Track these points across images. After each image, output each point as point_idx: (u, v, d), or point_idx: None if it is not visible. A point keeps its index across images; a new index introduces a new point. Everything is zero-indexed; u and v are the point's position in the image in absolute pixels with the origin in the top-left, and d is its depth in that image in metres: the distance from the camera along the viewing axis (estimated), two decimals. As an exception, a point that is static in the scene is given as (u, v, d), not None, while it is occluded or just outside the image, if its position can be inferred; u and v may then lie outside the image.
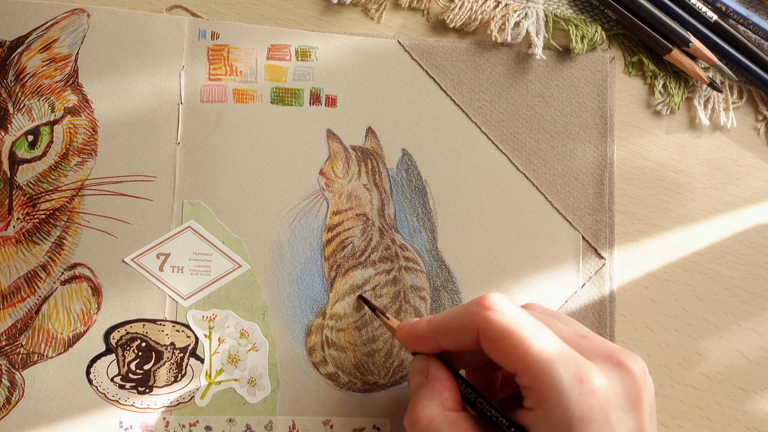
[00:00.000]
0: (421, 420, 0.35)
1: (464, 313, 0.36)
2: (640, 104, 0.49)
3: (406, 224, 0.46)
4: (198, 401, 0.44)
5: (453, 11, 0.48)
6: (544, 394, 0.32)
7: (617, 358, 0.34)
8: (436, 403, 0.36)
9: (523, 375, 0.33)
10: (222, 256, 0.45)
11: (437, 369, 0.37)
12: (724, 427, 0.47)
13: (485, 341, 0.35)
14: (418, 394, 0.37)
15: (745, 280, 0.48)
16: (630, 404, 0.34)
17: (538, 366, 0.33)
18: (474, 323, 0.35)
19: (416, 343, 0.38)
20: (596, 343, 0.35)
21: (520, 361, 0.33)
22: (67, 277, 0.44)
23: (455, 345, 0.36)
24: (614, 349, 0.35)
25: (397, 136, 0.47)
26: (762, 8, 0.50)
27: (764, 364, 0.48)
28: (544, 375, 0.32)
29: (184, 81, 0.45)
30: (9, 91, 0.43)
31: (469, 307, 0.36)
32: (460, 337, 0.36)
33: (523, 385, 0.34)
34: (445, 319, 0.37)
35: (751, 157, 0.50)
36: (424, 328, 0.38)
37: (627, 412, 0.33)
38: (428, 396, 0.36)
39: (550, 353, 0.33)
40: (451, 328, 0.36)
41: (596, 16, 0.49)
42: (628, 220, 0.48)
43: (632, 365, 0.34)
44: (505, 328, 0.34)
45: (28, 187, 0.43)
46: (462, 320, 0.36)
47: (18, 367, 0.43)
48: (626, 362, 0.34)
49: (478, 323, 0.35)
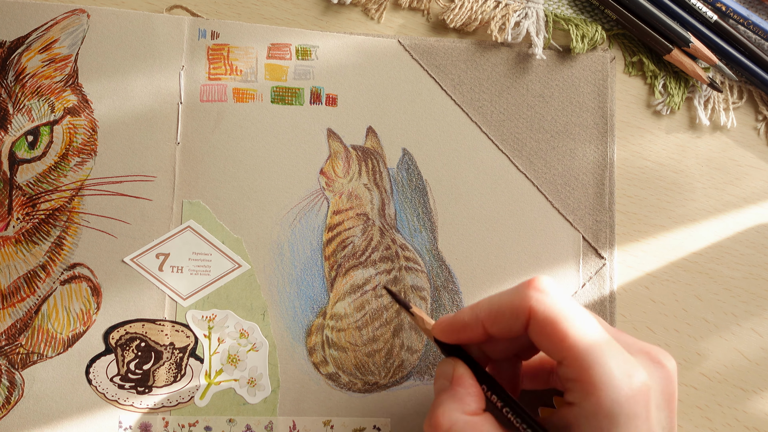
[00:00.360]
0: (441, 425, 0.34)
1: (515, 295, 0.35)
2: (640, 104, 0.49)
3: (407, 224, 0.46)
4: (198, 401, 0.44)
5: (453, 11, 0.48)
6: (594, 387, 0.32)
7: (654, 355, 0.34)
8: (458, 408, 0.35)
9: (570, 365, 0.33)
10: (222, 256, 0.45)
11: (462, 373, 0.36)
12: (724, 427, 0.47)
13: (536, 325, 0.34)
14: (440, 398, 0.36)
15: (745, 280, 0.48)
16: (665, 402, 0.34)
17: (589, 356, 0.32)
18: (526, 305, 0.34)
19: (460, 331, 0.37)
20: (632, 339, 0.35)
21: (570, 350, 0.32)
22: (67, 277, 0.43)
23: (504, 330, 0.35)
24: (650, 346, 0.35)
25: (397, 136, 0.47)
26: (762, 8, 0.51)
27: (764, 364, 0.48)
28: (594, 367, 0.32)
29: (184, 81, 0.45)
30: (9, 91, 0.43)
31: (521, 289, 0.35)
32: (510, 321, 0.35)
33: (568, 377, 0.33)
34: (492, 303, 0.36)
35: (751, 157, 0.50)
36: (470, 315, 0.36)
37: (662, 409, 0.33)
38: (450, 400, 0.35)
39: (601, 344, 0.32)
40: (500, 311, 0.35)
41: (596, 16, 0.50)
42: (628, 220, 0.48)
43: (668, 363, 0.34)
44: (558, 314, 0.33)
45: (27, 187, 0.43)
46: (512, 302, 0.34)
47: (17, 367, 0.43)
48: (662, 360, 0.34)
49: (531, 306, 0.34)
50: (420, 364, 0.45)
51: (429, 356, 0.45)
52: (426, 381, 0.45)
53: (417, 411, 0.45)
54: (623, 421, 0.31)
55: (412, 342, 0.45)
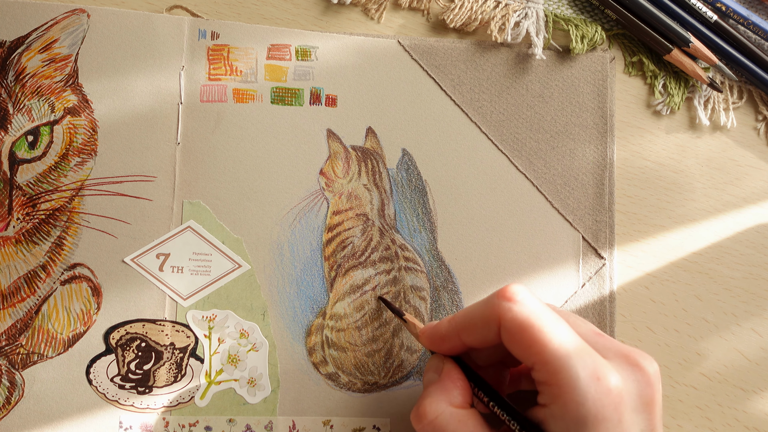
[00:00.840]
0: (427, 414, 0.35)
1: (485, 305, 0.36)
2: (640, 104, 0.49)
3: (406, 224, 0.46)
4: (198, 401, 0.44)
5: (453, 11, 0.48)
6: (560, 389, 0.32)
7: (633, 359, 0.34)
8: (445, 399, 0.36)
9: (540, 369, 0.33)
10: (222, 256, 0.45)
11: (451, 367, 0.38)
12: (724, 427, 0.47)
13: (505, 333, 0.34)
14: (428, 390, 0.37)
15: (745, 280, 0.48)
16: (643, 405, 0.34)
17: (556, 361, 0.33)
18: (495, 314, 0.35)
19: (440, 342, 0.38)
20: (612, 342, 0.35)
21: (539, 355, 0.33)
22: (67, 277, 0.43)
23: (479, 340, 0.36)
24: (630, 349, 0.35)
25: (397, 136, 0.47)
26: (762, 8, 0.50)
27: (764, 364, 0.48)
28: (561, 371, 0.32)
29: (184, 81, 0.45)
30: (9, 91, 0.43)
31: (491, 299, 0.36)
32: (483, 331, 0.36)
33: (539, 380, 0.34)
34: (466, 314, 0.37)
35: (751, 157, 0.50)
36: (447, 327, 0.38)
37: (640, 413, 0.33)
38: (437, 392, 0.36)
39: (568, 349, 0.33)
40: (473, 322, 0.36)
41: (596, 16, 0.49)
42: (628, 220, 0.48)
43: (647, 366, 0.34)
44: (525, 321, 0.34)
45: (28, 188, 0.43)
46: (484, 313, 0.35)
47: (18, 367, 0.43)
48: (642, 363, 0.34)
49: (500, 314, 0.35)
50: (420, 364, 0.45)
51: (428, 356, 0.45)
52: (426, 381, 0.45)
53: (417, 411, 0.45)
54: (590, 424, 0.32)
55: (411, 342, 0.45)
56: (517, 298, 0.35)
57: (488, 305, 0.35)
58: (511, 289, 0.35)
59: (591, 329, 0.36)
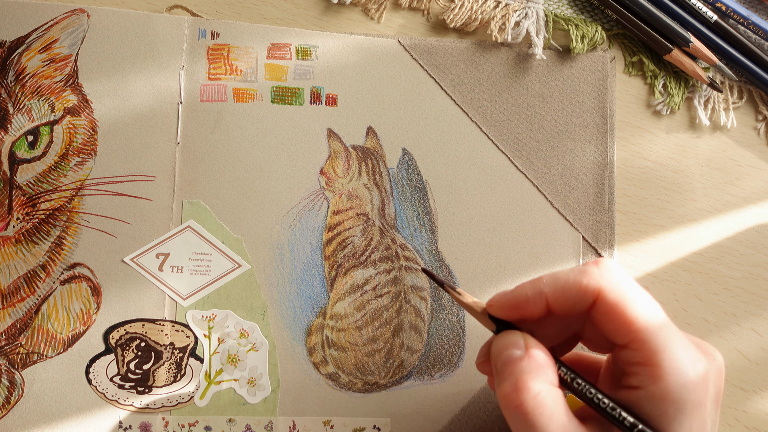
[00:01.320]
0: (530, 390, 0.32)
1: (583, 273, 0.34)
2: (640, 104, 0.49)
3: (407, 224, 0.46)
4: (197, 401, 0.44)
5: (453, 11, 0.48)
6: (662, 371, 0.31)
7: (705, 348, 0.34)
8: (542, 378, 0.33)
9: (638, 348, 0.32)
10: (222, 256, 0.45)
11: (537, 343, 0.34)
12: (724, 427, 0.47)
13: (603, 306, 0.33)
14: (518, 366, 0.34)
15: (745, 280, 0.48)
16: (716, 396, 0.33)
17: (658, 341, 0.31)
18: (595, 285, 0.33)
19: (522, 306, 0.35)
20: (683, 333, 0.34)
21: (638, 332, 0.32)
22: (67, 276, 0.43)
23: (566, 307, 0.34)
24: (699, 339, 0.34)
25: (397, 136, 0.47)
26: (762, 8, 0.51)
27: (764, 364, 0.48)
28: (663, 351, 0.31)
29: (184, 80, 0.45)
30: (9, 91, 0.43)
31: (589, 269, 0.34)
32: (576, 299, 0.33)
33: (633, 361, 0.32)
34: (559, 279, 0.34)
35: (751, 157, 0.50)
36: (532, 289, 0.35)
37: (713, 403, 0.33)
38: (533, 370, 0.33)
39: (669, 330, 0.32)
40: (567, 287, 0.34)
41: (596, 16, 0.50)
42: (628, 220, 0.48)
43: (718, 357, 0.34)
44: (626, 296, 0.32)
45: (27, 187, 0.43)
46: (581, 280, 0.33)
47: (17, 367, 0.43)
48: (713, 354, 0.34)
49: (602, 286, 0.33)
50: (420, 364, 0.45)
51: (429, 356, 0.45)
52: (426, 381, 0.45)
53: (417, 411, 0.45)
54: (689, 408, 0.31)
55: (412, 342, 0.45)
56: (618, 272, 0.33)
57: (586, 274, 0.33)
58: (609, 262, 0.34)
59: None
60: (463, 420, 0.45)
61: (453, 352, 0.46)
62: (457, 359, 0.46)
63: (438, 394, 0.45)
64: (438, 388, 0.45)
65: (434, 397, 0.45)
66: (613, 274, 0.33)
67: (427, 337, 0.45)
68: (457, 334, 0.46)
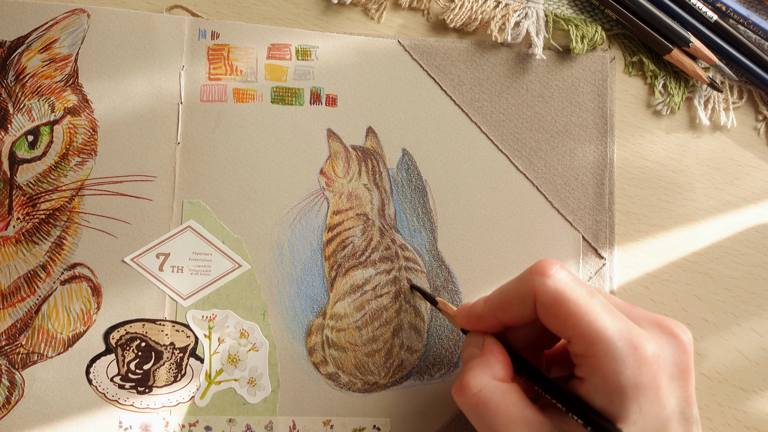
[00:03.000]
0: (471, 387, 0.35)
1: (520, 282, 0.36)
2: (640, 104, 0.49)
3: (407, 224, 0.46)
4: (198, 401, 0.44)
5: (453, 11, 0.48)
6: (599, 361, 0.32)
7: (668, 327, 0.35)
8: (487, 373, 0.36)
9: (577, 342, 0.33)
10: (222, 256, 0.45)
11: (492, 342, 0.38)
12: (724, 427, 0.47)
13: (541, 308, 0.35)
14: (469, 364, 0.37)
15: (745, 280, 0.48)
16: (679, 372, 0.34)
17: (593, 333, 0.33)
18: (531, 290, 0.35)
19: (477, 322, 0.38)
20: (645, 312, 0.36)
21: (575, 327, 0.33)
22: (67, 277, 0.43)
23: (515, 317, 0.36)
24: (664, 318, 0.35)
25: (397, 136, 0.47)
26: (762, 8, 0.51)
27: (764, 364, 0.48)
28: (598, 342, 0.32)
29: (184, 81, 0.45)
30: (9, 91, 0.43)
31: (525, 275, 0.35)
32: (519, 308, 0.36)
33: (576, 353, 0.34)
34: (501, 292, 0.37)
35: (751, 157, 0.50)
36: (483, 306, 0.38)
37: (676, 380, 0.34)
38: (480, 366, 0.36)
39: (604, 320, 0.33)
40: (509, 299, 0.36)
41: (596, 16, 0.50)
42: (628, 220, 0.48)
43: (682, 334, 0.35)
44: (561, 294, 0.34)
45: (28, 187, 0.43)
46: (519, 289, 0.35)
47: (18, 367, 0.43)
48: (676, 331, 0.35)
49: (535, 289, 0.35)
50: (420, 364, 0.45)
51: (429, 356, 0.45)
52: (426, 381, 0.45)
53: (417, 411, 0.45)
54: (631, 393, 0.32)
55: (411, 342, 0.45)
56: (551, 273, 0.35)
57: (523, 281, 0.35)
58: (545, 263, 0.35)
59: (621, 301, 0.37)
60: (462, 420, 0.45)
61: (453, 352, 0.46)
62: (457, 359, 0.46)
63: (438, 394, 0.45)
64: (438, 388, 0.45)
65: (434, 397, 0.45)
66: (548, 276, 0.35)
67: (427, 337, 0.46)
68: (457, 334, 0.46)
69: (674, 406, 0.33)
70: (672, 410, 0.33)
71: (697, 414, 0.35)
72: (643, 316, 0.35)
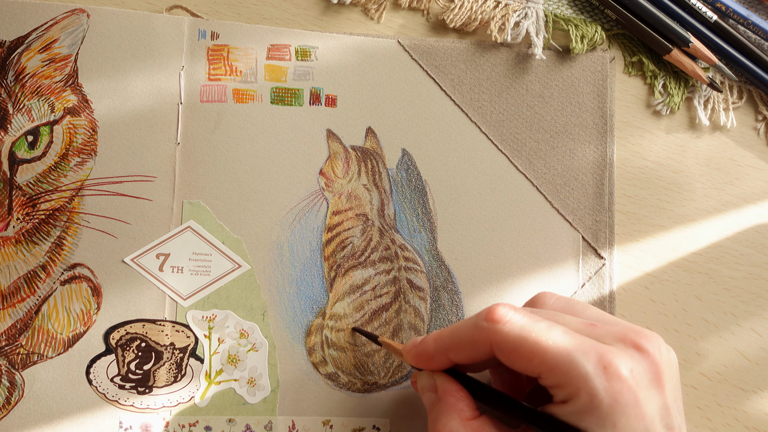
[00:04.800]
0: None
1: (473, 328, 0.35)
2: (640, 104, 0.49)
3: (406, 224, 0.46)
4: (198, 401, 0.44)
5: (453, 11, 0.48)
6: (573, 387, 0.33)
7: (631, 340, 0.35)
8: (454, 417, 0.36)
9: (547, 376, 0.33)
10: (222, 256, 0.45)
11: (444, 382, 0.37)
12: (724, 427, 0.47)
13: (501, 354, 0.35)
14: (433, 411, 0.37)
15: (745, 280, 0.48)
16: (652, 381, 0.34)
17: (561, 364, 0.33)
18: (486, 338, 0.35)
19: (427, 361, 0.38)
20: (608, 328, 0.35)
21: (542, 364, 0.33)
22: (67, 277, 0.43)
23: (468, 359, 0.36)
24: (627, 331, 0.35)
25: (397, 136, 0.47)
26: (762, 8, 0.50)
27: (764, 364, 0.48)
28: (569, 371, 0.33)
29: (184, 81, 0.45)
30: (9, 91, 0.43)
31: (478, 322, 0.35)
32: (472, 352, 0.36)
33: (550, 385, 0.34)
34: (454, 335, 0.37)
35: (751, 157, 0.50)
36: (433, 347, 0.37)
37: (652, 389, 0.34)
38: (444, 412, 0.36)
39: (568, 348, 0.33)
40: (461, 343, 0.36)
41: (596, 16, 0.49)
42: (628, 220, 0.48)
43: (647, 345, 0.34)
44: (518, 338, 0.34)
45: (27, 188, 0.43)
46: (473, 336, 0.35)
47: (18, 368, 0.43)
48: (641, 343, 0.35)
49: (491, 338, 0.35)
50: (420, 364, 0.45)
51: (429, 356, 0.45)
52: (426, 381, 0.45)
53: (416, 411, 0.45)
54: (611, 413, 0.32)
55: (411, 342, 0.45)
56: (506, 319, 0.35)
57: (477, 329, 0.35)
58: (495, 309, 0.35)
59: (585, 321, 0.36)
60: (462, 420, 0.45)
61: (453, 352, 0.46)
62: (457, 359, 0.46)
63: (438, 394, 0.45)
64: (438, 389, 0.45)
65: (434, 397, 0.45)
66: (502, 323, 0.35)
67: (427, 338, 0.45)
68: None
69: (654, 414, 0.33)
70: (652, 419, 0.33)
71: (680, 421, 0.35)
72: (605, 334, 0.35)
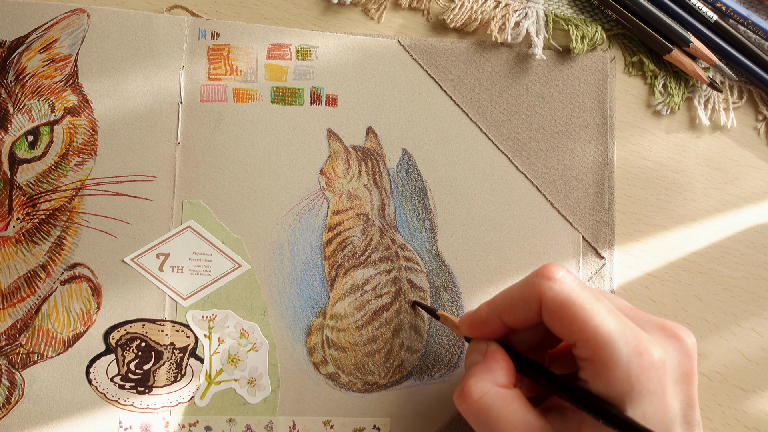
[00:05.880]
0: (472, 394, 0.35)
1: (525, 285, 0.36)
2: (640, 104, 0.49)
3: (407, 224, 0.46)
4: (198, 401, 0.44)
5: (453, 11, 0.48)
6: (603, 366, 0.33)
7: (671, 330, 0.35)
8: (489, 379, 0.36)
9: (582, 346, 0.33)
10: (222, 256, 0.45)
11: (495, 348, 0.37)
12: (724, 427, 0.47)
13: (547, 312, 0.35)
14: (472, 370, 0.37)
15: (745, 280, 0.48)
16: (683, 376, 0.34)
17: (599, 338, 0.33)
18: (536, 294, 0.35)
19: (481, 327, 0.38)
20: (649, 315, 0.36)
21: (581, 332, 0.33)
22: (67, 277, 0.43)
23: (520, 320, 0.36)
24: (667, 321, 0.35)
25: (397, 136, 0.47)
26: (762, 8, 0.51)
27: (764, 364, 0.48)
28: (604, 347, 0.33)
29: (184, 81, 0.45)
30: (9, 91, 0.43)
31: (530, 279, 0.36)
32: (524, 311, 0.36)
33: (581, 357, 0.34)
34: (506, 296, 0.37)
35: (751, 157, 0.50)
36: (487, 310, 0.38)
37: (680, 384, 0.34)
38: (482, 372, 0.36)
39: (609, 325, 0.33)
40: (513, 303, 0.36)
41: (596, 16, 0.50)
42: (628, 220, 0.48)
43: (686, 337, 0.35)
44: (567, 299, 0.34)
45: (28, 187, 0.43)
46: (524, 293, 0.36)
47: (18, 367, 0.43)
48: (680, 334, 0.35)
49: (541, 294, 0.35)
50: (420, 364, 0.45)
51: (429, 356, 0.45)
52: (426, 381, 0.45)
53: (417, 411, 0.45)
54: (635, 398, 0.32)
55: (411, 342, 0.45)
56: (557, 277, 0.35)
57: (528, 285, 0.35)
58: (551, 267, 0.35)
59: (627, 304, 0.37)
60: (462, 420, 0.45)
61: (453, 352, 0.46)
62: (457, 359, 0.46)
63: (437, 394, 0.45)
64: (438, 388, 0.45)
65: (434, 397, 0.45)
66: (554, 279, 0.35)
67: (427, 337, 0.46)
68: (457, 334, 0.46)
69: (677, 409, 0.33)
70: (675, 414, 0.33)
71: (699, 417, 0.35)
72: (647, 320, 0.35)
